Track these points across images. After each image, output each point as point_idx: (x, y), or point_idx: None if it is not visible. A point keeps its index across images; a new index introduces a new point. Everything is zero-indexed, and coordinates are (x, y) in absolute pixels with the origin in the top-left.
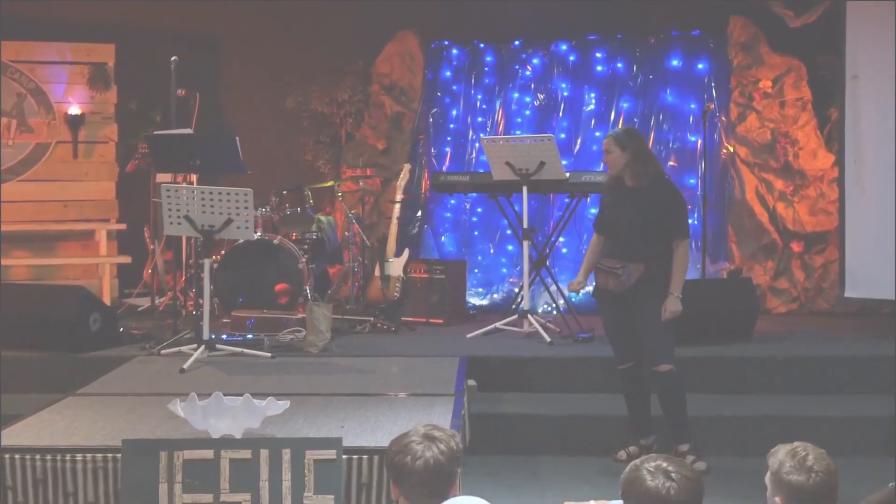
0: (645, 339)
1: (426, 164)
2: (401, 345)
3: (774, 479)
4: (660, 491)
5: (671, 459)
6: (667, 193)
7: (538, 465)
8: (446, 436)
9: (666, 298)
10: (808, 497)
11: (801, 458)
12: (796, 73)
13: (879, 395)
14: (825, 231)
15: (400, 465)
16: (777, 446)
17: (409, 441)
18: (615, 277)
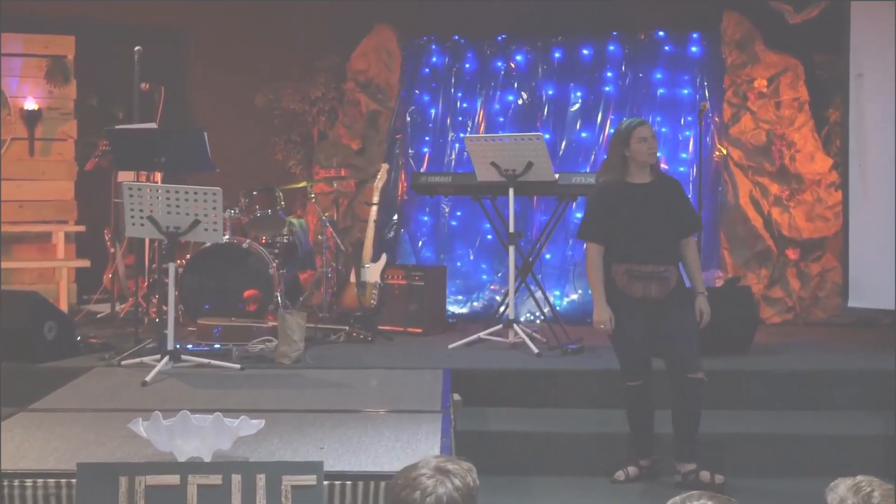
0: (679, 345)
1: (403, 166)
2: (378, 356)
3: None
4: None
5: (717, 497)
6: (677, 186)
7: (530, 487)
8: (462, 470)
9: (697, 299)
10: None
11: (865, 496)
12: (793, 72)
13: (881, 411)
14: (822, 238)
15: (407, 502)
16: (837, 480)
17: (419, 474)
18: (660, 282)
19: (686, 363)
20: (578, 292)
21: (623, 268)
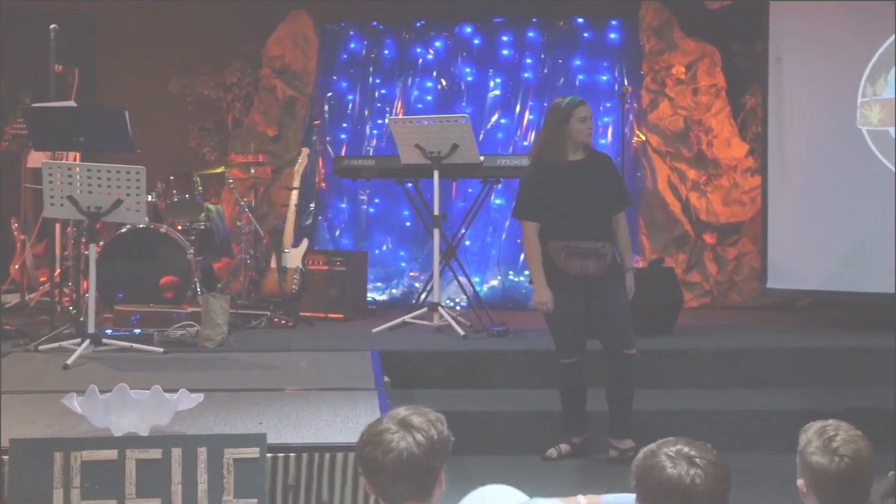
0: (614, 322)
1: (321, 153)
2: (302, 340)
3: (800, 458)
4: (683, 480)
5: (693, 443)
6: (609, 163)
7: (463, 466)
8: (427, 423)
9: (626, 274)
10: (830, 484)
11: (828, 439)
12: (710, 59)
13: (799, 388)
14: (739, 222)
15: (369, 459)
16: (811, 422)
17: (383, 429)
18: (598, 258)
19: (621, 339)
20: (498, 278)
21: (561, 245)
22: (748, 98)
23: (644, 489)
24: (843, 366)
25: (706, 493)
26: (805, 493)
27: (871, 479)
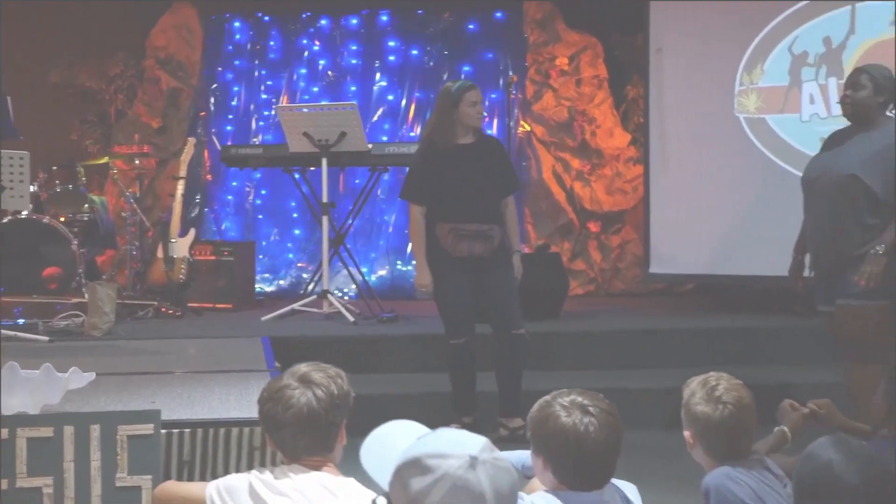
0: (502, 303)
1: (206, 144)
2: (191, 328)
3: (685, 411)
4: (577, 428)
5: (586, 393)
6: (499, 147)
7: (357, 449)
8: (327, 378)
9: (513, 256)
10: (715, 432)
11: (711, 388)
12: (593, 50)
13: (674, 368)
14: (622, 211)
15: (271, 415)
16: (692, 377)
17: (283, 385)
18: (485, 240)
19: (510, 320)
20: (386, 268)
21: (448, 227)
22: (630, 89)
23: (539, 439)
24: (722, 346)
25: (599, 441)
26: (692, 444)
27: (753, 426)
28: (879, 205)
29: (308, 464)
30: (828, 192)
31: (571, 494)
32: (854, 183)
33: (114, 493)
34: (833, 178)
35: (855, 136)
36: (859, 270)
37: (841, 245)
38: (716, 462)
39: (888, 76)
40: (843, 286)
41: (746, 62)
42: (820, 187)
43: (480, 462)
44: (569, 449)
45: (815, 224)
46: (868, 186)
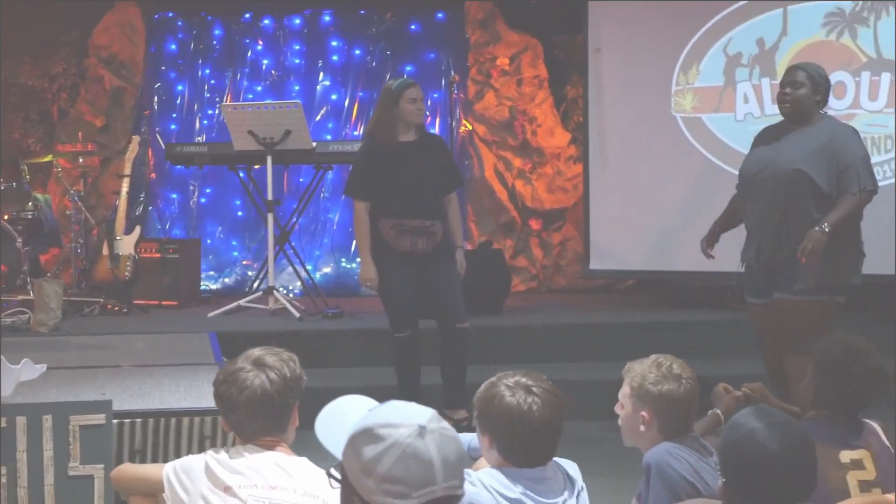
0: (446, 297)
1: (150, 143)
2: (138, 324)
3: (639, 393)
4: (521, 407)
5: (530, 374)
6: (442, 145)
7: (305, 439)
8: (280, 361)
9: (456, 252)
10: (678, 406)
11: (667, 368)
12: (533, 51)
13: (618, 361)
14: (563, 208)
15: (225, 397)
16: (629, 364)
17: (238, 368)
18: (427, 236)
19: (453, 313)
20: (331, 265)
21: (391, 223)
22: (569, 88)
23: (485, 419)
24: (660, 339)
25: (542, 419)
26: (649, 423)
27: (698, 402)
28: (823, 199)
29: (262, 444)
30: (773, 186)
31: (516, 470)
32: (800, 177)
33: (66, 482)
34: (779, 173)
35: (793, 133)
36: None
37: (787, 237)
38: (663, 439)
39: (823, 74)
40: (786, 280)
41: (682, 63)
42: (763, 180)
43: (429, 431)
44: (514, 427)
45: (759, 217)
46: (814, 181)
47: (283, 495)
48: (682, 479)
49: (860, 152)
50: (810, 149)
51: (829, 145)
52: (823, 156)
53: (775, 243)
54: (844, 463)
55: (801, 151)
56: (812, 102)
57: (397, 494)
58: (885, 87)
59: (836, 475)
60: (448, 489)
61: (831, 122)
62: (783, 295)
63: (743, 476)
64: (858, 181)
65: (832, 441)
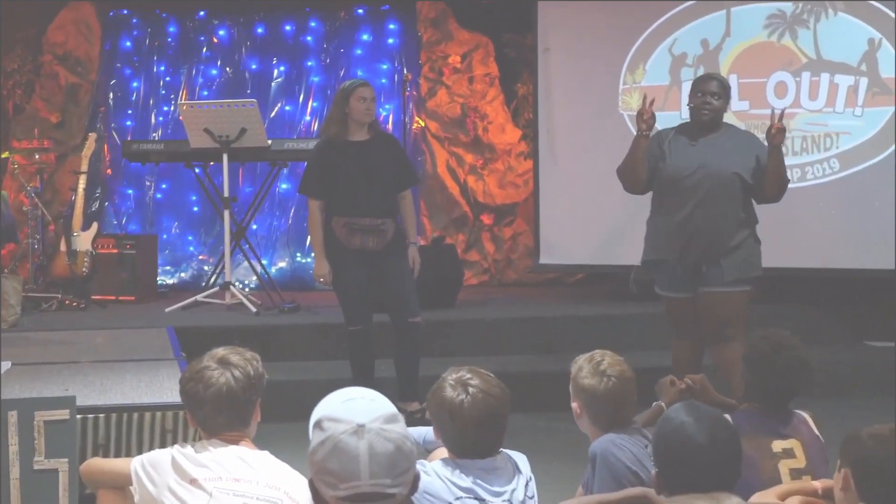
0: (398, 292)
1: (106, 139)
2: (97, 320)
3: (573, 384)
4: (453, 402)
5: (479, 374)
6: (394, 143)
7: (263, 432)
8: (244, 360)
9: (409, 249)
10: (600, 402)
11: (596, 363)
12: (484, 49)
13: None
14: (514, 203)
15: (192, 393)
16: (580, 355)
17: (204, 367)
18: (377, 234)
19: (405, 309)
20: (286, 260)
21: (342, 221)
22: (520, 86)
23: (431, 412)
24: (608, 332)
25: (470, 416)
26: (579, 414)
27: (634, 398)
28: (748, 200)
29: (226, 438)
30: (708, 188)
31: (468, 461)
32: (738, 180)
33: (31, 476)
34: (714, 175)
35: (710, 137)
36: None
37: (721, 235)
38: (601, 431)
39: (728, 84)
40: (715, 274)
41: (629, 62)
42: (697, 183)
43: (367, 430)
44: (447, 420)
45: (689, 216)
46: (748, 183)
47: (246, 487)
48: (626, 468)
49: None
50: (737, 153)
51: (748, 148)
52: (748, 160)
53: (707, 240)
54: (776, 452)
55: (731, 156)
56: (724, 110)
57: (328, 484)
58: (824, 87)
59: (769, 464)
60: (375, 486)
61: (735, 128)
62: (712, 288)
63: (674, 466)
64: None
65: (764, 431)
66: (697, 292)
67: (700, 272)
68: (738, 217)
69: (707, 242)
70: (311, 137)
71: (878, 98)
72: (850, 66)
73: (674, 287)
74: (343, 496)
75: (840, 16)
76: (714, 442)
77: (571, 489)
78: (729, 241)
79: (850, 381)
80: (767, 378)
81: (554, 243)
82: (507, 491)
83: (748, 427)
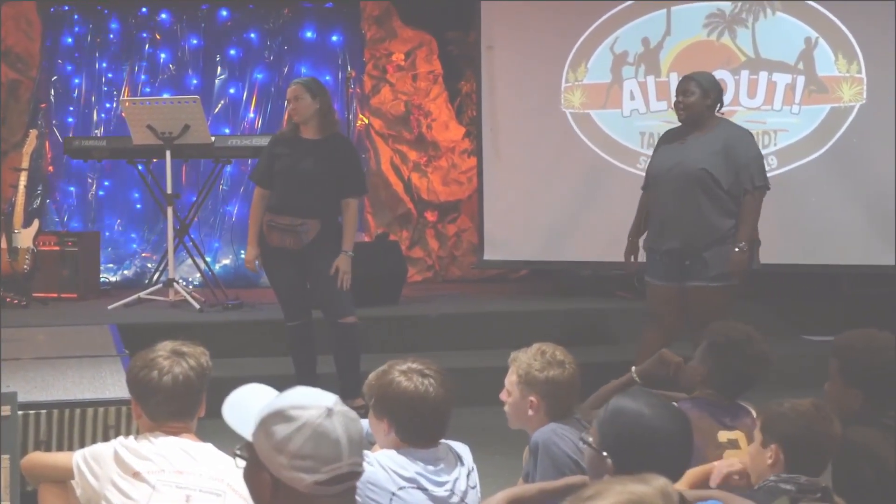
0: (326, 294)
1: (48, 136)
2: (38, 317)
3: (527, 379)
4: (418, 389)
5: (419, 360)
6: (346, 149)
7: (205, 428)
8: (197, 352)
9: (339, 257)
10: (563, 390)
11: (551, 355)
12: (427, 47)
13: (508, 348)
14: (458, 200)
15: (145, 381)
16: (514, 353)
17: (157, 356)
18: (294, 235)
19: (333, 310)
20: (230, 257)
21: (267, 217)
22: (463, 84)
23: (383, 405)
24: (551, 327)
25: (439, 397)
26: (536, 407)
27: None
28: (725, 196)
29: (168, 430)
30: (683, 184)
31: (411, 451)
32: (706, 176)
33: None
34: (687, 172)
35: (693, 135)
36: (729, 271)
37: (695, 230)
38: (546, 422)
39: (712, 80)
40: (699, 268)
41: (572, 60)
42: (673, 179)
43: (335, 413)
44: (413, 408)
45: (667, 211)
46: (717, 179)
47: (189, 479)
48: (567, 457)
49: (754, 152)
50: (712, 150)
51: (726, 147)
52: (722, 156)
53: (685, 234)
54: (722, 442)
55: (703, 152)
56: (703, 108)
57: (307, 469)
58: (762, 86)
59: (714, 453)
60: (352, 465)
61: (728, 125)
62: (698, 283)
63: (632, 454)
64: (751, 178)
65: (711, 421)
66: (685, 286)
67: (683, 265)
68: (715, 211)
69: (681, 234)
70: (255, 134)
71: (814, 96)
72: (787, 64)
73: (657, 275)
74: (324, 480)
75: (778, 15)
76: (673, 431)
77: (515, 481)
78: (705, 234)
79: (788, 375)
80: (735, 367)
81: (498, 240)
82: (449, 481)
83: (696, 416)
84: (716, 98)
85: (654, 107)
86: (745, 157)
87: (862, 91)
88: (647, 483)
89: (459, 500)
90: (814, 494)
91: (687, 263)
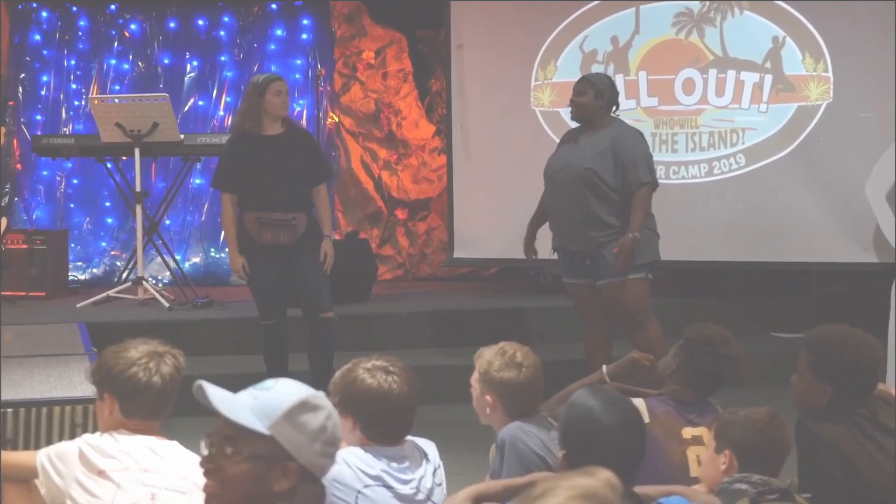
0: (309, 287)
1: (15, 133)
2: (5, 316)
3: (485, 378)
4: (382, 386)
5: (384, 357)
6: (307, 137)
7: (173, 427)
8: (173, 352)
9: (323, 241)
10: (518, 392)
11: (510, 356)
12: (398, 45)
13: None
14: (428, 198)
15: (133, 380)
16: (480, 349)
17: (142, 355)
18: (288, 229)
19: (317, 304)
20: (200, 255)
21: (253, 215)
22: (433, 82)
23: (347, 403)
24: (519, 324)
25: (404, 394)
26: (493, 406)
27: (543, 385)
28: (612, 194)
29: (134, 428)
30: (571, 184)
31: (377, 448)
32: (591, 175)
33: None
34: (575, 172)
35: (585, 135)
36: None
37: (588, 229)
38: (510, 420)
39: (606, 83)
40: (602, 267)
41: (541, 59)
42: (563, 179)
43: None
44: (378, 405)
45: (561, 211)
46: (603, 178)
47: (155, 478)
48: (533, 454)
49: (639, 151)
50: (598, 149)
51: (612, 146)
52: (608, 155)
53: (579, 233)
54: (686, 438)
55: (591, 152)
56: (596, 108)
57: (332, 454)
58: (730, 84)
59: (678, 449)
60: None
61: (619, 125)
62: (606, 280)
63: (582, 448)
64: (636, 176)
65: (676, 417)
66: (596, 285)
67: (585, 263)
68: (604, 209)
69: (576, 234)
70: (225, 132)
71: (782, 95)
72: (755, 63)
73: (570, 274)
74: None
75: (746, 14)
76: (622, 424)
77: (482, 478)
78: (598, 233)
79: (757, 372)
80: (705, 366)
81: (468, 238)
82: (415, 479)
83: (662, 411)
84: (610, 99)
85: (623, 105)
86: (630, 155)
87: (829, 90)
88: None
89: (425, 498)
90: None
91: (588, 263)
